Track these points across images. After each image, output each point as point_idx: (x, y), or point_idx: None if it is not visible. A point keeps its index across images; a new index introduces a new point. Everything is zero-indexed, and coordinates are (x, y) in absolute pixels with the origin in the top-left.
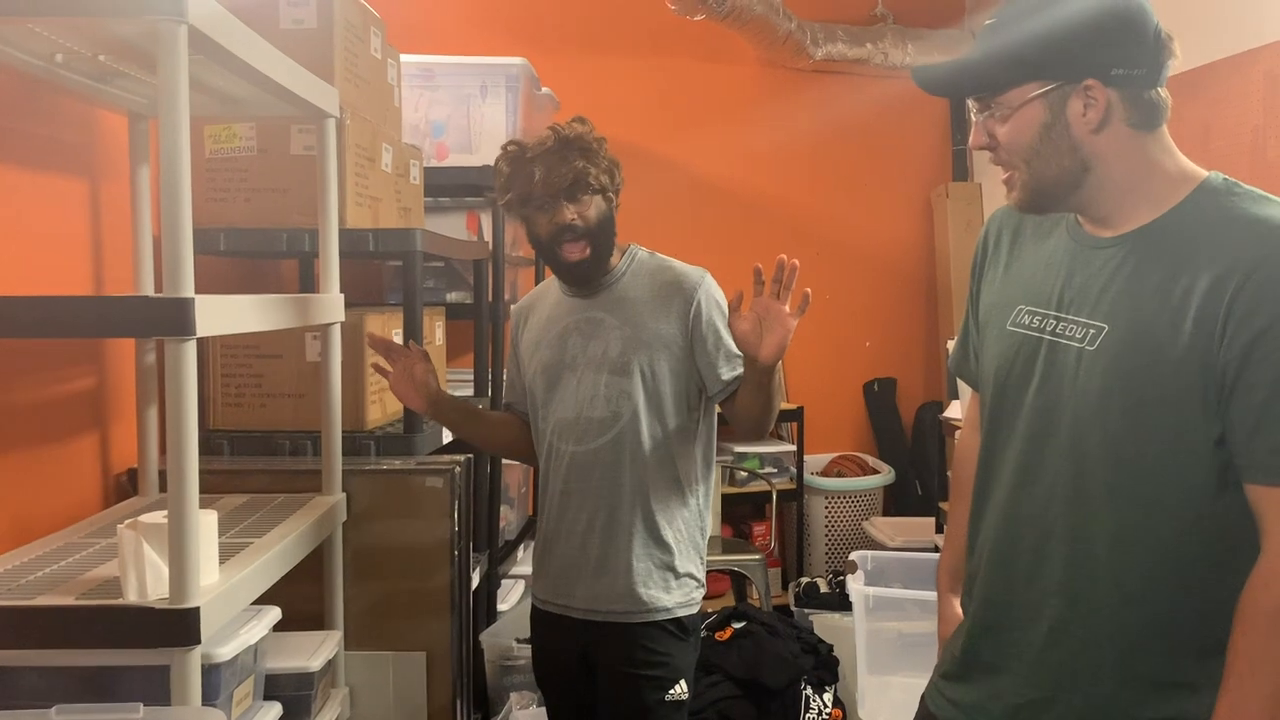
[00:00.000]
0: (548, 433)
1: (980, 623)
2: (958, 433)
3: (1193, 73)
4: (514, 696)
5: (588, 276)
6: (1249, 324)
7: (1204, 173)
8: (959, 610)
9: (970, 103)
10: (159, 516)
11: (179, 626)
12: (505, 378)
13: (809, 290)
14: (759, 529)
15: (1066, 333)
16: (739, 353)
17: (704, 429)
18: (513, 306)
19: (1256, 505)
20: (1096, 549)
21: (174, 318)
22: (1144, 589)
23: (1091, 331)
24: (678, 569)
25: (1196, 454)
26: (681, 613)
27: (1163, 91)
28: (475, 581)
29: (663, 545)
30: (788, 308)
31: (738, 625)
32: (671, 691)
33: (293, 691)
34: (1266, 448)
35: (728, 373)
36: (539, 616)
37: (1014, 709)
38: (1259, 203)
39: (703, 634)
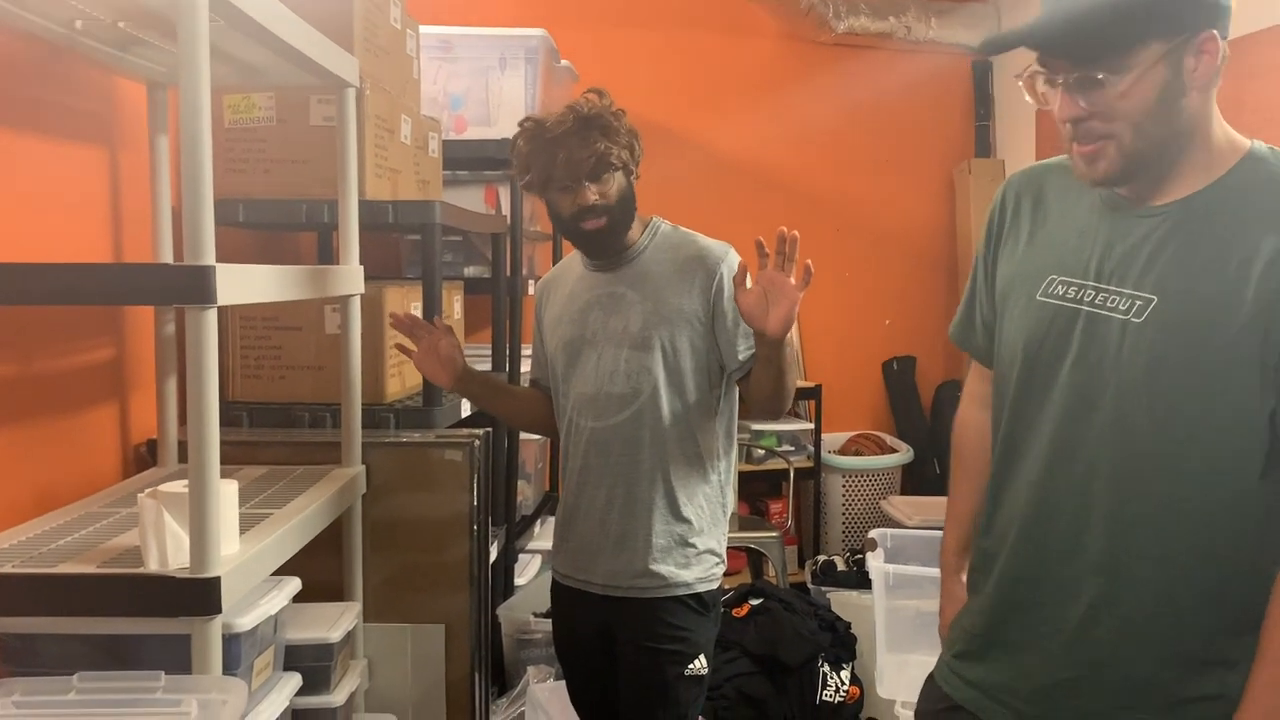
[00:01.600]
0: (568, 408)
1: (1006, 601)
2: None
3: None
4: (531, 670)
5: (606, 247)
6: None
7: (1248, 141)
8: (964, 591)
9: (1040, 70)
10: (180, 486)
11: (200, 596)
12: (532, 355)
13: (810, 261)
14: (776, 506)
15: (1109, 304)
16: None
17: (726, 405)
18: (536, 283)
19: None
20: (1142, 525)
21: (195, 285)
22: (1191, 564)
23: (1139, 303)
24: (698, 544)
25: (1252, 428)
26: (701, 588)
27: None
28: (493, 555)
29: (683, 520)
30: (792, 279)
31: (755, 602)
32: (691, 666)
33: (312, 662)
34: None
35: (745, 350)
36: (559, 591)
37: (1045, 689)
38: None
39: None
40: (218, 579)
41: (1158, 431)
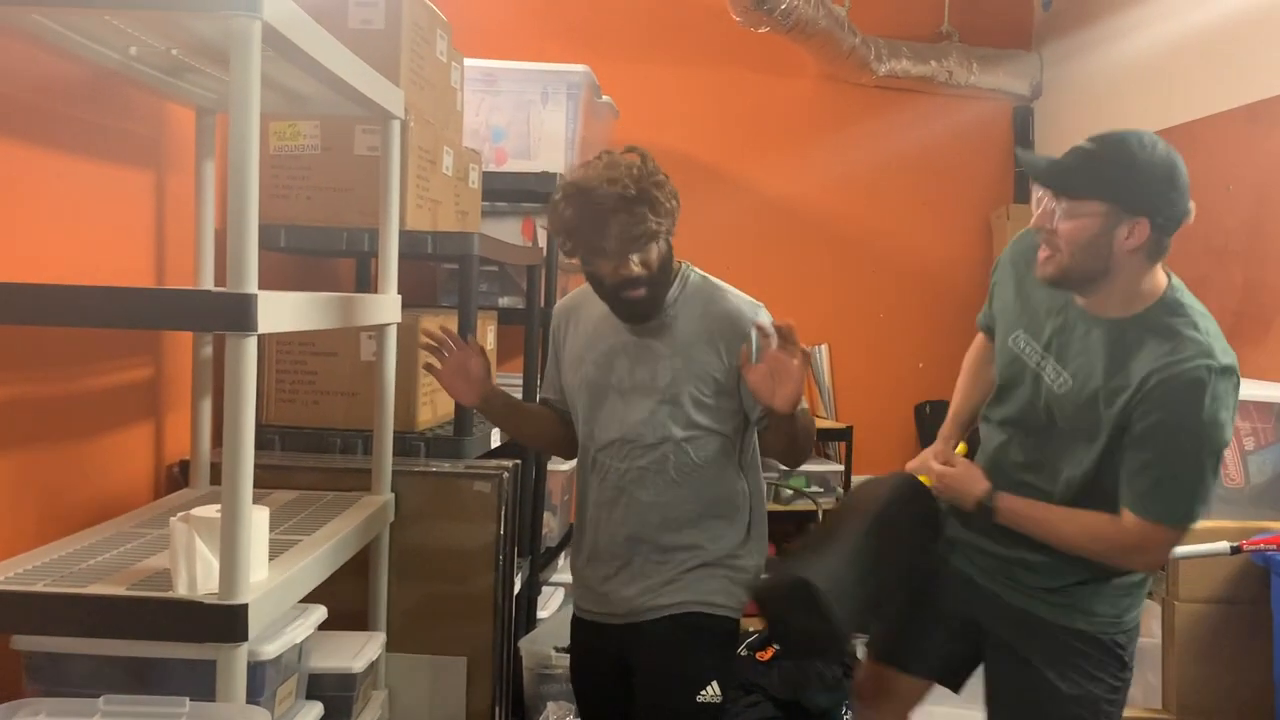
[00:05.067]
0: (592, 449)
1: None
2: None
3: (1269, 101)
4: (550, 706)
5: (646, 316)
6: (1144, 418)
7: (1163, 289)
8: (947, 450)
9: (1044, 191)
10: (212, 510)
11: (227, 622)
12: (546, 375)
13: (791, 323)
14: None
15: (1047, 373)
16: None
17: (749, 443)
18: (555, 305)
19: (1121, 504)
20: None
21: (237, 313)
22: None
23: (1062, 379)
24: (713, 576)
25: (1091, 459)
26: (715, 617)
27: (1169, 240)
28: (517, 587)
29: (699, 552)
30: (795, 361)
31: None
32: (704, 694)
33: (334, 692)
34: (1131, 489)
35: (761, 412)
36: (579, 624)
37: None
38: (1185, 325)
39: (743, 653)
40: (245, 606)
41: (1052, 445)
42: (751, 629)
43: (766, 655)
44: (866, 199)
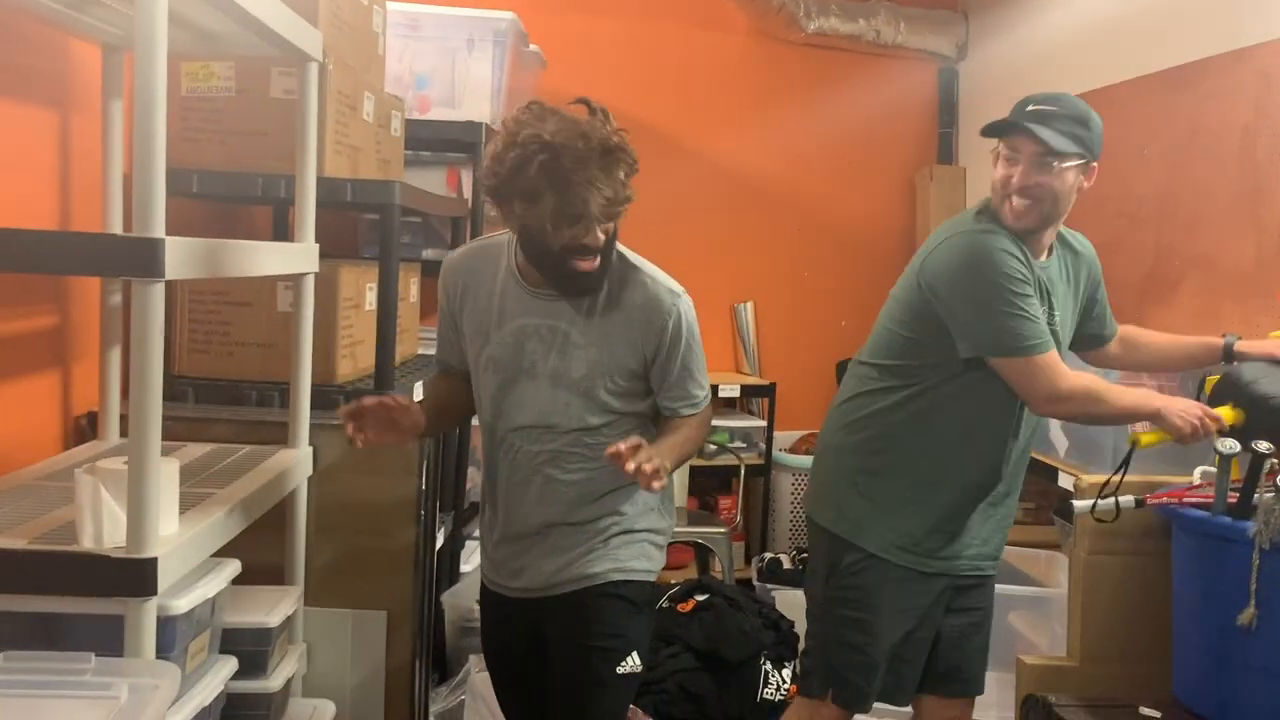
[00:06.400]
0: (500, 429)
1: None
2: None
3: (1185, 68)
4: (474, 658)
5: (592, 290)
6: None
7: None
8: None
9: (1023, 151)
10: (119, 463)
11: (135, 576)
12: (439, 336)
13: (623, 449)
14: (725, 502)
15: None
16: (689, 392)
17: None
18: (447, 263)
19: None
20: None
21: (142, 257)
22: None
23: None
24: (631, 542)
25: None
26: (635, 585)
27: None
28: (439, 541)
29: (617, 520)
30: (656, 485)
31: (700, 598)
32: (624, 664)
33: (249, 646)
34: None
35: (670, 405)
36: (490, 597)
37: None
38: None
39: (664, 605)
40: (154, 560)
41: None
42: (673, 581)
43: (688, 607)
44: (793, 158)
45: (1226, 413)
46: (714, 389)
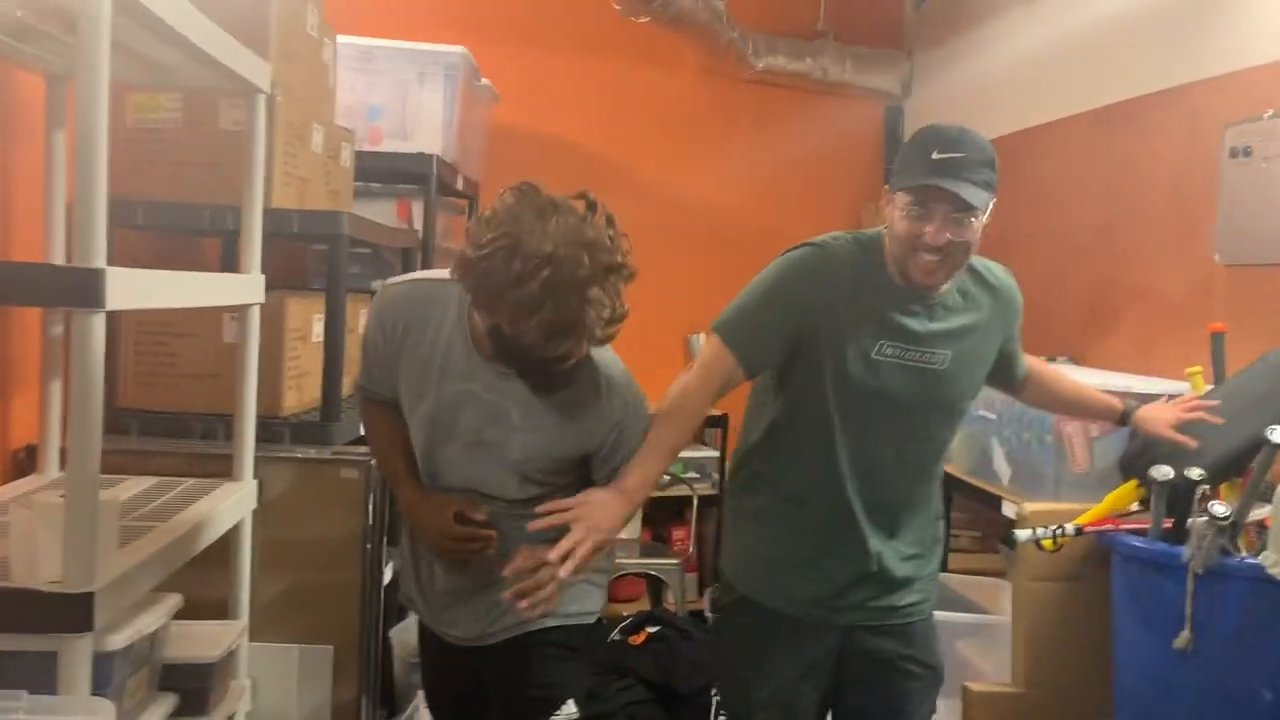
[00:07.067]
0: (426, 482)
1: None
2: None
3: (1119, 105)
4: (421, 694)
5: (561, 388)
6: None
7: None
8: None
9: (917, 207)
10: (55, 496)
11: (70, 612)
12: (364, 363)
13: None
14: (678, 533)
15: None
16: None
17: None
18: (386, 295)
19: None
20: None
21: (84, 289)
22: None
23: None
24: (567, 586)
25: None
26: (570, 629)
27: None
28: (387, 577)
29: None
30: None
31: (652, 629)
32: (558, 714)
33: (191, 683)
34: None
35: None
36: (428, 636)
37: None
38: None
39: (616, 638)
40: (90, 594)
41: None
42: (624, 614)
43: (639, 639)
44: (744, 191)
45: (1128, 490)
46: None
